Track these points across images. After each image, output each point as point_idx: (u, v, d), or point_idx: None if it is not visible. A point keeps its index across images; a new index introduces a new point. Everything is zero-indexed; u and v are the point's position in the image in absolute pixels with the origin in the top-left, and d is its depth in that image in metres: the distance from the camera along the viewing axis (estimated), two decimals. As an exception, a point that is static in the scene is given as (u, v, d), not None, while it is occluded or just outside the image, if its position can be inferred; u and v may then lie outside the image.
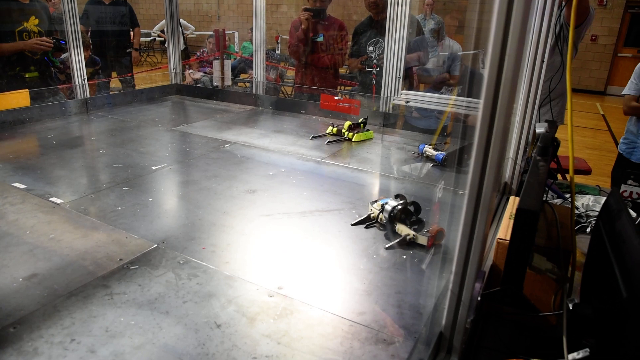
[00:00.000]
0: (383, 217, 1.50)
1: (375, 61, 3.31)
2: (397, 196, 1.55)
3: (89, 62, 4.17)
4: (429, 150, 2.28)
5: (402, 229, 1.45)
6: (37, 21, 3.27)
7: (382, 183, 2.03)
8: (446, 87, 3.39)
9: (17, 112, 2.67)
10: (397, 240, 1.43)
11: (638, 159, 2.93)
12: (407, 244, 1.43)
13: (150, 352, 0.95)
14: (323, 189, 1.86)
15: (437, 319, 0.97)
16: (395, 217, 1.47)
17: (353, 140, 2.54)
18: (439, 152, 2.23)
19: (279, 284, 1.21)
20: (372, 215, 1.56)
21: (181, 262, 1.29)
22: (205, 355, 0.95)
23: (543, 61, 1.61)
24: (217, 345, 0.98)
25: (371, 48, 3.34)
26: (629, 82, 2.82)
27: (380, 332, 1.04)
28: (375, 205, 1.56)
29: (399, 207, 1.48)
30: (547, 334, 1.23)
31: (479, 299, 1.00)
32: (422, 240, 1.41)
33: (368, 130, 2.62)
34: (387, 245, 1.42)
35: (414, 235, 1.42)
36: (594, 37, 10.73)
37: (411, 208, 1.51)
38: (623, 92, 2.87)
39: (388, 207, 1.49)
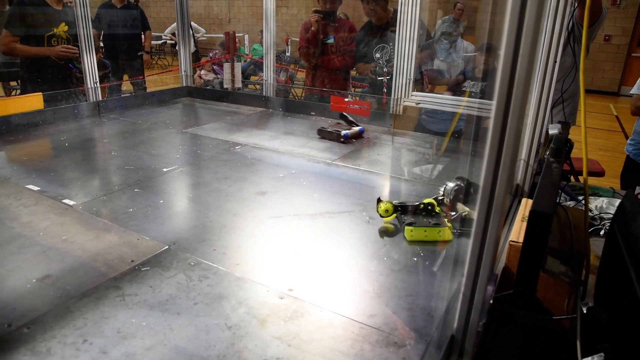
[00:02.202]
0: (446, 199, 1.62)
1: (385, 69, 3.27)
2: (457, 178, 1.64)
3: (99, 65, 4.21)
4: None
5: (460, 207, 1.57)
6: (66, 27, 3.35)
7: (392, 185, 2.03)
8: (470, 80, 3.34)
9: (30, 115, 2.71)
10: (455, 215, 1.56)
11: None
12: (462, 220, 1.55)
13: (161, 353, 0.96)
14: (333, 191, 1.86)
15: (448, 322, 0.96)
16: (455, 197, 1.59)
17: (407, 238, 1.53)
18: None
19: (289, 285, 1.20)
20: (439, 197, 1.65)
21: (192, 263, 1.30)
22: (216, 356, 0.95)
23: (555, 62, 1.60)
24: (228, 347, 0.98)
25: (378, 55, 3.31)
26: (638, 81, 2.79)
27: (391, 334, 1.04)
28: (441, 189, 1.67)
29: (456, 187, 1.60)
30: (560, 337, 1.22)
31: (491, 302, 0.99)
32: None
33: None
34: (454, 215, 1.56)
35: (468, 211, 1.53)
36: (607, 37, 10.60)
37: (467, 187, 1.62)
38: (631, 92, 2.83)
39: (448, 189, 1.62)
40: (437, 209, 1.56)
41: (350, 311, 1.11)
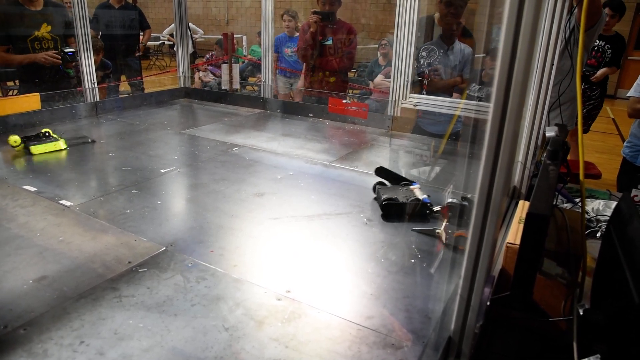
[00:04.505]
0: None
1: (426, 71, 3.07)
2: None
3: (100, 66, 4.20)
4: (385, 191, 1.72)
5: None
6: (49, 28, 3.18)
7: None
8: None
9: (28, 115, 2.70)
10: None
11: None
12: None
13: (158, 354, 0.95)
14: (331, 192, 1.86)
15: (445, 323, 0.96)
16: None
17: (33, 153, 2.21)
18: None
19: (287, 287, 1.20)
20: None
21: (189, 265, 1.29)
22: (214, 358, 0.95)
23: (553, 64, 1.60)
24: (225, 349, 0.98)
25: (424, 54, 3.11)
26: (635, 84, 2.81)
27: (389, 336, 1.04)
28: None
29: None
30: (557, 339, 1.22)
31: (488, 303, 0.99)
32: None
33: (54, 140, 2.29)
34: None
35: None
36: (604, 40, 10.62)
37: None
38: (628, 95, 2.86)
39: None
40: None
41: (348, 313, 1.11)
